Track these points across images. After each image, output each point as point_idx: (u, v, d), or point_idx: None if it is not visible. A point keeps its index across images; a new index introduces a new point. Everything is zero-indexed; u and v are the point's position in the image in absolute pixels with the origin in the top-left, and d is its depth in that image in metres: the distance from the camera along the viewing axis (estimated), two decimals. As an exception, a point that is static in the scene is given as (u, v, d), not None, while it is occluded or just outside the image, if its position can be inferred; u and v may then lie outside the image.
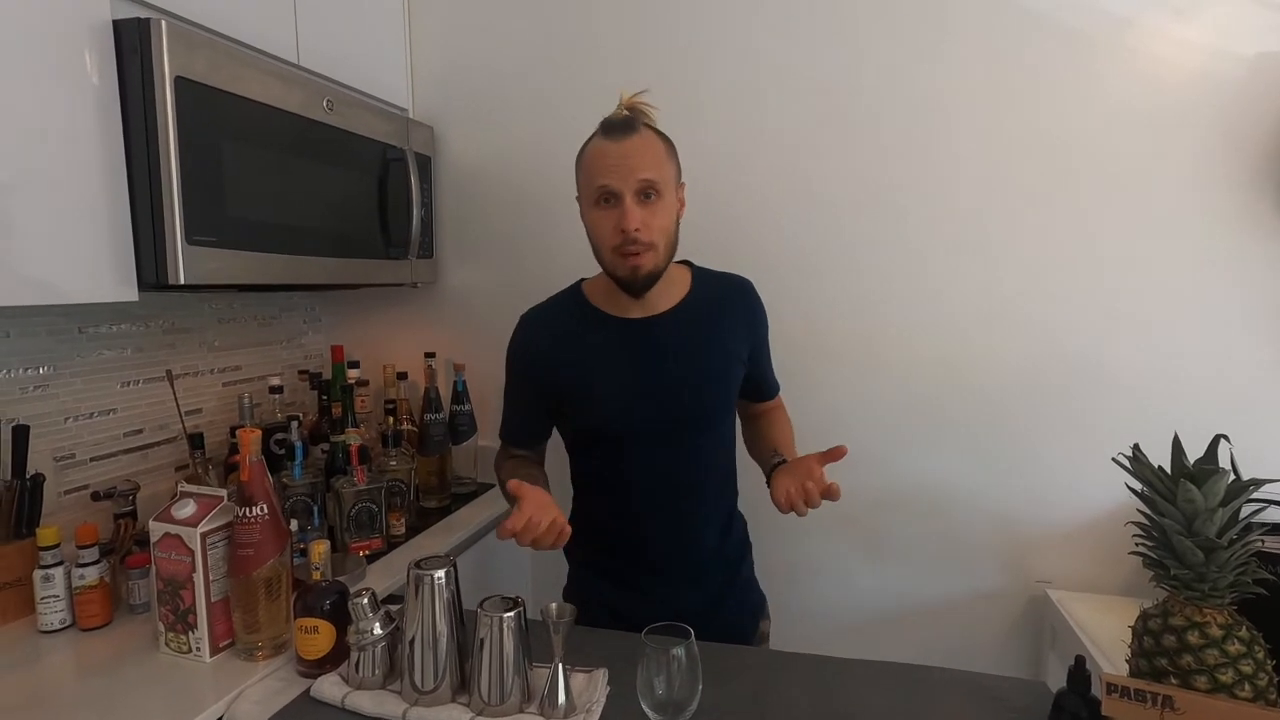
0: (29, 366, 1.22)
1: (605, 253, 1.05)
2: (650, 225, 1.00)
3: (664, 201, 1.02)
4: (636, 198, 0.99)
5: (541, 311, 1.19)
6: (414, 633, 0.88)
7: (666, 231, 1.03)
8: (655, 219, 1.01)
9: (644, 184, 0.99)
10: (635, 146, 1.00)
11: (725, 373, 1.13)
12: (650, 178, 0.99)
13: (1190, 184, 1.42)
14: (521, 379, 1.18)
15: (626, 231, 0.99)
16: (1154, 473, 0.78)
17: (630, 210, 0.99)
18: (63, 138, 0.97)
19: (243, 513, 0.96)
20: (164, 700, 0.90)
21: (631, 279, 1.03)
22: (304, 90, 1.31)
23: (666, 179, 1.02)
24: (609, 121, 1.04)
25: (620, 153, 1.00)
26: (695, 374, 1.09)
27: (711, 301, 1.14)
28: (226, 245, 1.15)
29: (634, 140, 1.00)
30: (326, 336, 1.94)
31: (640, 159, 0.99)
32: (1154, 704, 0.72)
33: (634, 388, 1.09)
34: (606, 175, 1.00)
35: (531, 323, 1.18)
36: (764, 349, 1.20)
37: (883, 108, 1.54)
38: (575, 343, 1.12)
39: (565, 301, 1.18)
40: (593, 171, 1.02)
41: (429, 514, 1.60)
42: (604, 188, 1.00)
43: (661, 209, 1.01)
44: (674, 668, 0.80)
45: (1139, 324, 1.46)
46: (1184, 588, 0.76)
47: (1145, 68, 1.41)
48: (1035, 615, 1.56)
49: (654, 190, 1.00)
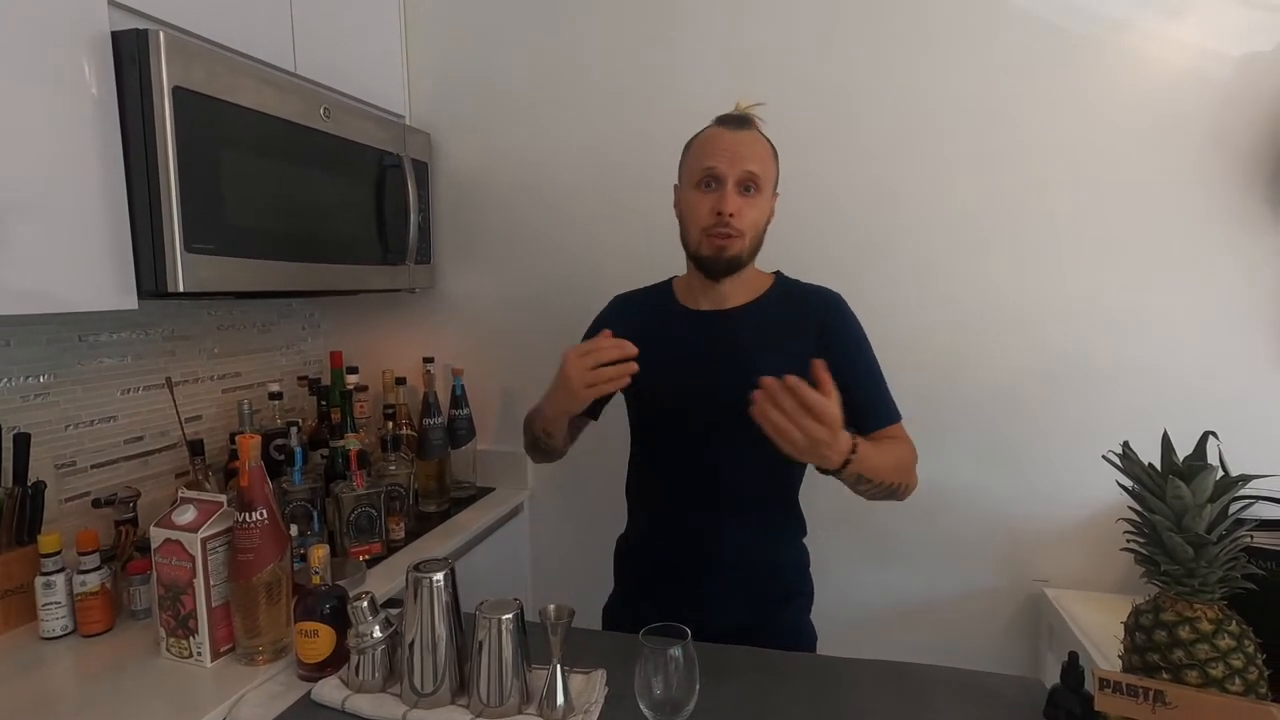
0: (30, 375, 1.23)
1: (694, 233, 1.08)
2: (744, 215, 1.04)
3: (761, 197, 1.06)
4: (738, 186, 1.04)
5: (630, 295, 1.27)
6: (413, 635, 0.88)
7: (755, 225, 1.07)
8: (750, 210, 1.05)
9: (747, 175, 1.04)
10: (747, 140, 1.06)
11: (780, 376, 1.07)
12: (754, 170, 1.04)
13: (1181, 183, 1.43)
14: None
15: (722, 213, 1.03)
16: (1144, 470, 0.79)
17: (730, 195, 1.03)
18: (62, 148, 0.98)
19: (243, 518, 0.97)
20: (165, 705, 0.91)
21: (715, 259, 1.07)
22: (301, 98, 1.32)
23: (767, 177, 1.07)
24: (726, 115, 1.09)
25: (733, 141, 1.05)
26: (745, 370, 1.03)
27: (786, 306, 1.13)
28: (225, 253, 1.16)
29: (747, 134, 1.06)
30: (326, 342, 1.94)
31: (750, 151, 1.05)
32: (1146, 699, 0.72)
33: (684, 374, 1.10)
34: (715, 158, 1.04)
35: (618, 301, 1.27)
36: (853, 368, 1.09)
37: (878, 110, 1.55)
38: (647, 324, 1.15)
39: (653, 290, 1.24)
40: (702, 153, 1.07)
41: (428, 518, 1.60)
42: (710, 169, 1.04)
43: (758, 203, 1.06)
44: (671, 668, 0.81)
45: (1131, 322, 1.47)
46: (1175, 583, 0.77)
47: (1137, 68, 1.42)
48: (1032, 613, 1.57)
49: (755, 184, 1.04)
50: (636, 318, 1.19)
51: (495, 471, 1.84)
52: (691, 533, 1.12)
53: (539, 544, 1.86)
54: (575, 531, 1.81)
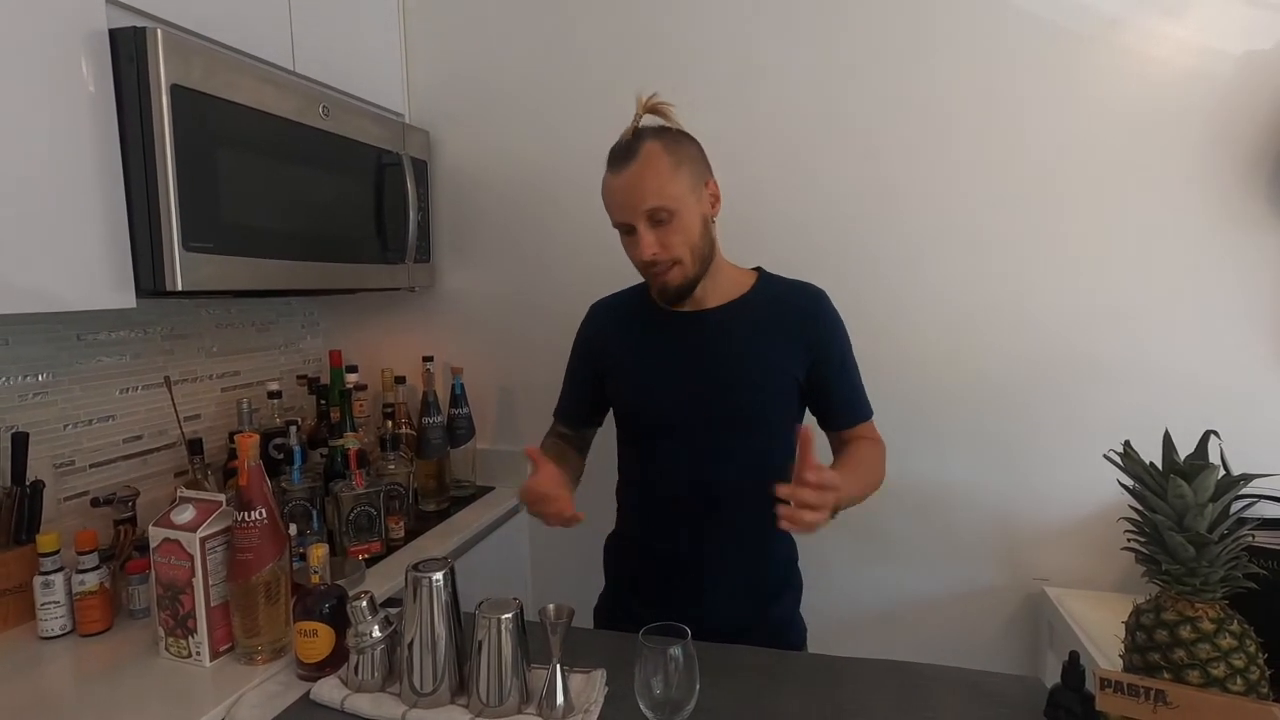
0: (28, 374, 1.22)
1: (640, 272, 1.10)
2: (669, 244, 1.02)
3: (679, 218, 1.01)
4: (648, 224, 1.01)
5: (608, 299, 1.26)
6: (413, 635, 0.88)
7: (689, 244, 1.03)
8: (672, 237, 1.02)
9: (651, 211, 1.00)
10: (636, 176, 1.00)
11: (765, 379, 1.08)
12: (655, 205, 1.00)
13: (1182, 181, 1.43)
14: (578, 358, 1.26)
15: (644, 259, 1.02)
16: (1145, 469, 0.79)
17: (644, 239, 1.01)
18: (60, 146, 0.98)
19: (241, 517, 0.97)
20: (165, 704, 0.91)
21: (663, 294, 1.08)
22: (300, 96, 1.32)
23: (677, 194, 1.01)
24: (612, 152, 1.05)
25: (623, 187, 1.01)
26: (730, 374, 1.08)
27: (767, 305, 1.12)
28: (223, 251, 1.15)
29: (634, 168, 1.00)
30: (324, 341, 1.94)
31: (643, 188, 1.00)
32: (1147, 698, 0.72)
33: (666, 378, 1.10)
34: (615, 210, 1.04)
35: (596, 309, 1.26)
36: (833, 366, 1.11)
37: (877, 108, 1.55)
38: (627, 330, 1.17)
39: (631, 292, 1.23)
40: (608, 208, 1.06)
41: (427, 517, 1.60)
42: (618, 223, 1.05)
43: (677, 226, 1.01)
44: (671, 667, 0.81)
45: (1133, 321, 1.47)
46: (1176, 583, 0.77)
47: (1136, 67, 1.42)
48: (1033, 612, 1.57)
49: (664, 212, 1.00)
50: (615, 323, 1.20)
51: (494, 470, 1.84)
52: (681, 533, 1.12)
53: (538, 543, 1.85)
54: (574, 531, 1.78)
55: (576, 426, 1.27)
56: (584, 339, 1.25)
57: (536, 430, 1.79)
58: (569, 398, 1.28)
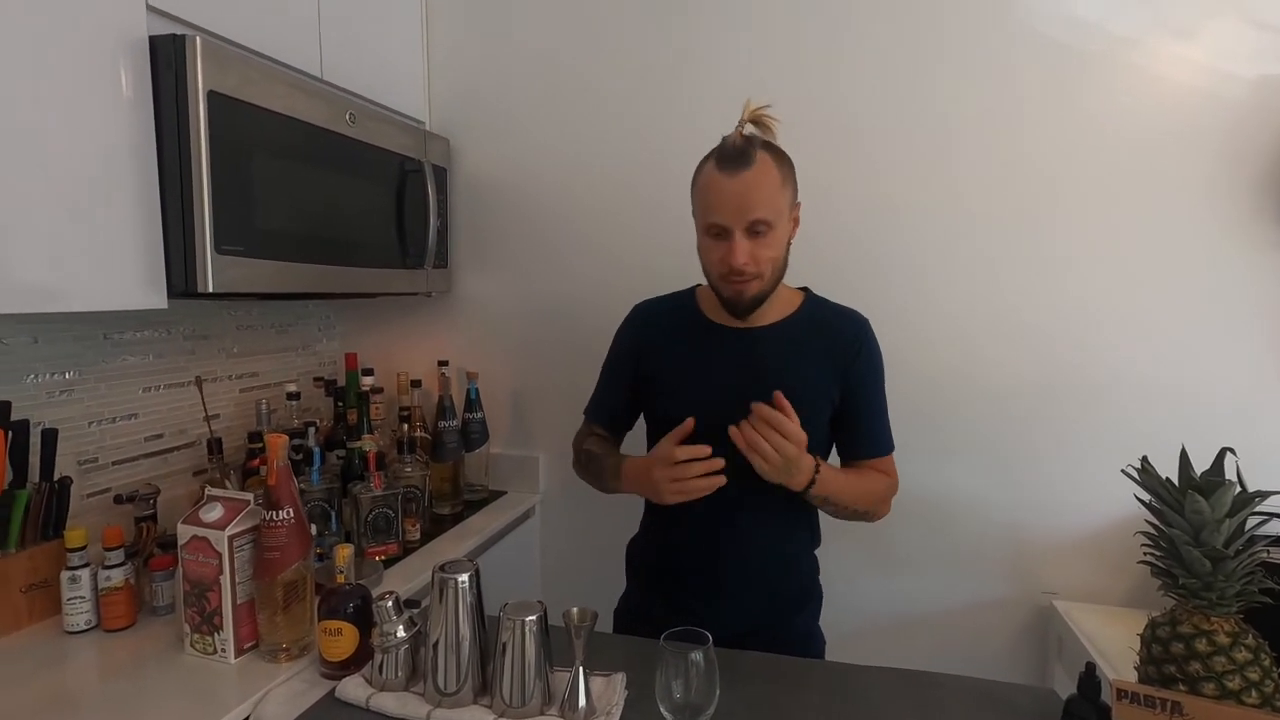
0: (56, 371, 1.24)
1: (712, 277, 1.07)
2: (758, 258, 1.00)
3: (774, 234, 1.01)
4: (746, 234, 0.99)
5: (652, 303, 1.25)
6: (437, 636, 0.89)
7: (774, 261, 1.03)
8: (764, 251, 1.01)
9: (755, 222, 0.99)
10: (749, 183, 0.98)
11: (805, 399, 1.05)
12: (762, 216, 0.98)
13: (1191, 201, 1.45)
14: (617, 361, 1.24)
15: (733, 266, 1.00)
16: (1162, 484, 0.81)
17: (739, 246, 0.99)
18: (100, 150, 1.00)
19: (269, 516, 0.98)
20: (190, 700, 0.92)
21: (736, 303, 1.06)
22: (328, 104, 1.34)
23: (779, 210, 1.01)
24: (724, 151, 1.01)
25: (734, 190, 0.98)
26: (770, 390, 1.06)
27: (813, 327, 1.12)
28: (253, 254, 1.17)
29: (748, 175, 0.98)
30: (341, 344, 1.96)
31: (754, 197, 0.98)
32: (1163, 709, 0.74)
33: (708, 390, 1.11)
34: (718, 212, 1.00)
35: (640, 312, 1.25)
36: (864, 396, 1.12)
37: (891, 124, 1.57)
38: (671, 337, 1.17)
39: (676, 299, 1.23)
40: (705, 204, 1.02)
41: (442, 520, 1.62)
42: (716, 224, 1.01)
43: (771, 241, 1.01)
44: (692, 672, 0.82)
45: (1144, 338, 1.49)
46: (1192, 596, 0.78)
47: (1147, 88, 1.45)
48: (1041, 625, 1.58)
49: (765, 225, 0.99)
50: (662, 330, 1.20)
51: (507, 475, 1.85)
52: (707, 541, 1.13)
53: (549, 547, 1.87)
54: (585, 536, 1.82)
55: (613, 429, 1.27)
56: (628, 342, 1.23)
57: (549, 435, 1.83)
58: (608, 399, 1.26)
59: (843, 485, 1.07)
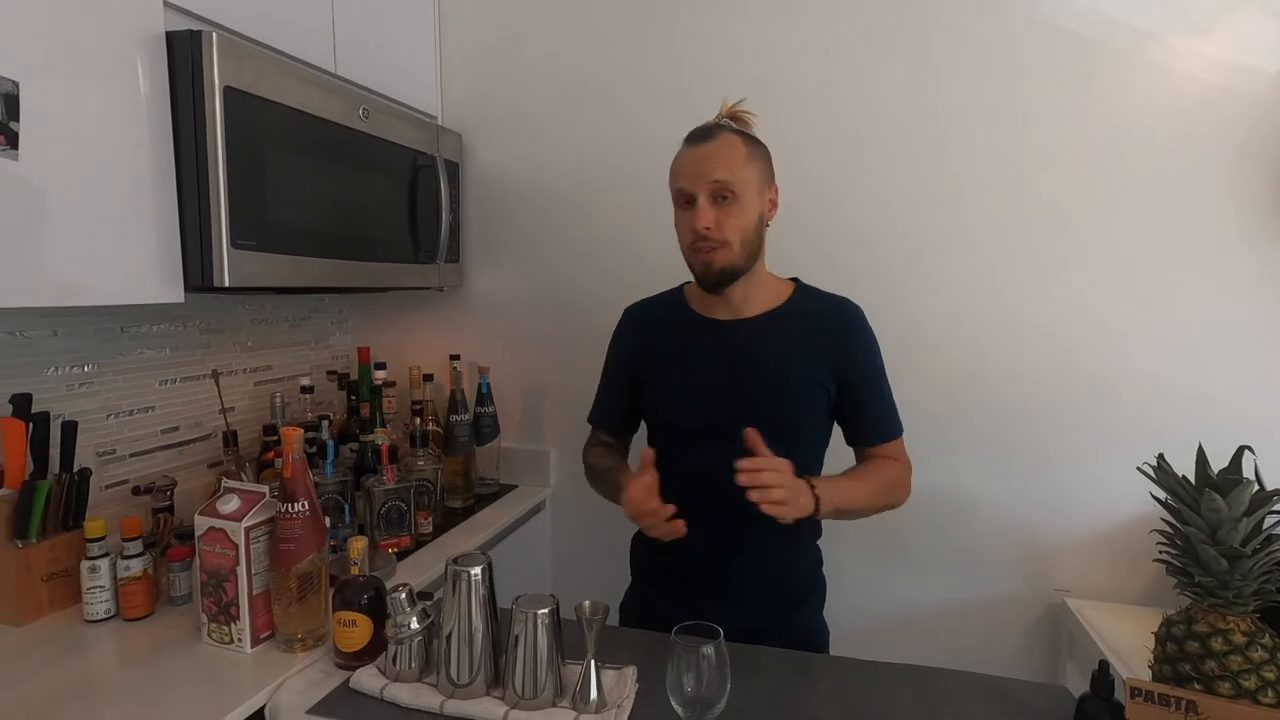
0: (75, 364, 1.26)
1: (685, 251, 1.10)
2: (723, 224, 1.03)
3: (740, 203, 1.04)
4: (710, 199, 1.03)
5: (642, 304, 1.27)
6: (450, 628, 0.90)
7: (742, 231, 1.05)
8: (729, 218, 1.04)
9: (716, 185, 1.03)
10: (710, 151, 1.04)
11: (798, 390, 1.10)
12: (722, 179, 1.03)
13: (1206, 198, 1.43)
14: (613, 364, 1.27)
15: (697, 230, 1.03)
16: (1179, 482, 0.80)
17: (702, 210, 1.03)
18: (117, 145, 1.01)
19: (285, 508, 0.99)
20: (208, 688, 0.93)
21: (704, 273, 1.08)
22: (342, 99, 1.35)
23: (744, 180, 1.04)
24: (692, 131, 1.09)
25: (695, 157, 1.05)
26: (764, 383, 1.09)
27: (804, 318, 1.13)
28: (268, 249, 1.18)
29: (710, 145, 1.04)
30: (353, 338, 1.97)
31: (714, 162, 1.03)
32: (1178, 708, 0.73)
33: (701, 386, 1.12)
34: (682, 178, 1.06)
35: (631, 314, 1.27)
36: (863, 383, 1.13)
37: (902, 122, 1.56)
38: (662, 336, 1.19)
39: (664, 298, 1.24)
40: (674, 176, 1.09)
41: (453, 513, 1.63)
42: (680, 190, 1.06)
43: (737, 210, 1.04)
44: (703, 666, 0.82)
45: (1159, 336, 1.47)
46: (1208, 595, 0.78)
47: (1163, 82, 1.43)
48: (1053, 622, 1.57)
49: (729, 192, 1.03)
50: (652, 330, 1.21)
51: (518, 469, 1.86)
52: (711, 537, 1.13)
53: (560, 541, 1.88)
54: (596, 530, 1.82)
55: (617, 433, 1.28)
56: (621, 344, 1.25)
57: (560, 430, 1.84)
58: (608, 404, 1.28)
59: (850, 492, 1.07)
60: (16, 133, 0.89)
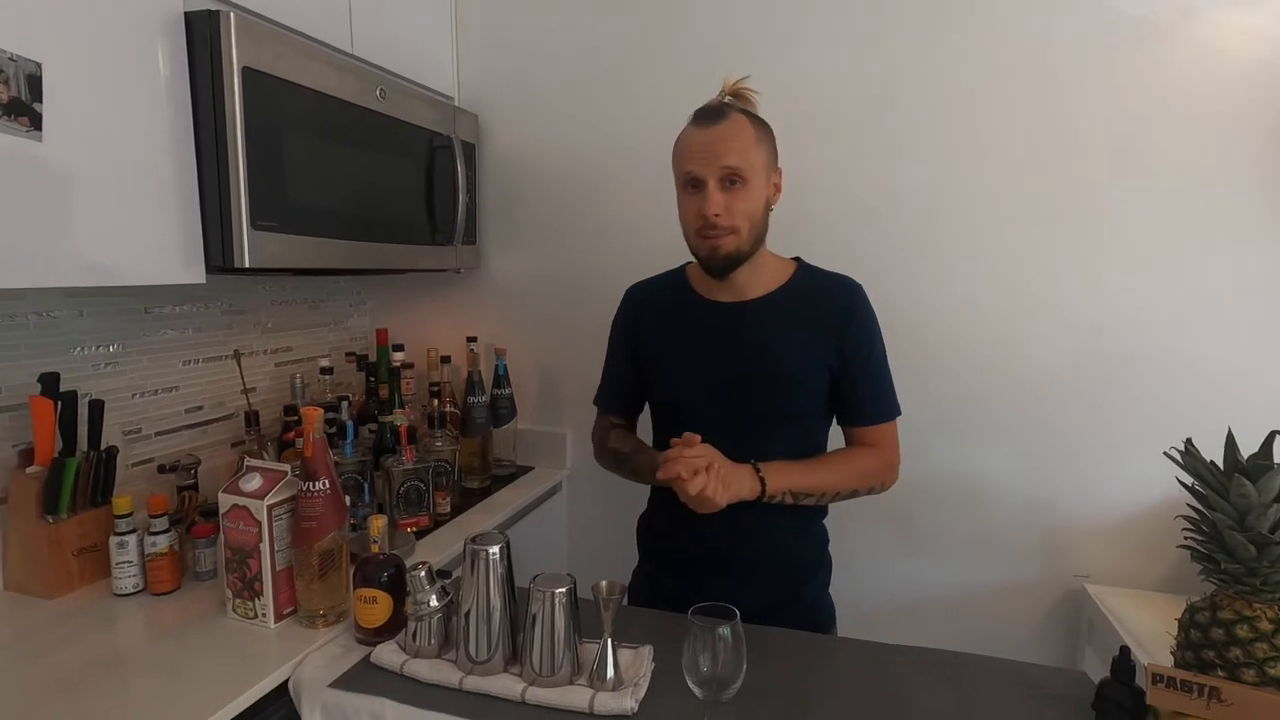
0: (100, 344, 1.28)
1: (690, 235, 1.09)
2: (732, 210, 1.02)
3: (749, 188, 1.03)
4: (720, 184, 1.02)
5: (644, 285, 1.25)
6: (469, 605, 0.91)
7: (750, 216, 1.04)
8: (738, 204, 1.02)
9: (727, 171, 1.01)
10: (722, 134, 1.02)
11: (801, 370, 1.09)
12: (734, 165, 1.01)
13: (1242, 176, 1.39)
14: (617, 345, 1.26)
15: (706, 216, 1.02)
16: (1207, 467, 0.79)
17: (712, 196, 1.02)
18: (138, 126, 1.02)
19: (307, 487, 1.01)
20: (233, 660, 0.95)
21: (710, 259, 1.07)
22: (359, 79, 1.35)
23: (753, 165, 1.03)
24: (699, 110, 1.06)
25: (706, 140, 1.02)
26: (766, 364, 1.09)
27: (805, 297, 1.12)
28: (288, 230, 1.19)
29: (721, 127, 1.02)
30: (371, 320, 1.99)
31: (725, 146, 1.01)
32: (1200, 695, 0.73)
33: (704, 368, 1.11)
34: (692, 161, 1.03)
35: (633, 294, 1.26)
36: (860, 362, 1.11)
37: (923, 101, 1.53)
38: (665, 317, 1.18)
39: (667, 279, 1.23)
40: (681, 158, 1.06)
41: (470, 494, 1.64)
42: (689, 174, 1.04)
43: (745, 195, 1.03)
44: (719, 646, 0.83)
45: (1186, 319, 1.44)
46: (1234, 582, 0.76)
47: (1203, 57, 1.38)
48: (1072, 608, 1.56)
49: (738, 177, 1.02)
50: (654, 311, 1.20)
51: (535, 451, 1.87)
52: (717, 516, 1.13)
53: (576, 522, 1.89)
54: (611, 512, 1.82)
55: (627, 415, 1.28)
56: (622, 324, 1.25)
57: (577, 412, 1.85)
58: (614, 386, 1.27)
59: (804, 475, 1.06)
60: (40, 114, 0.90)
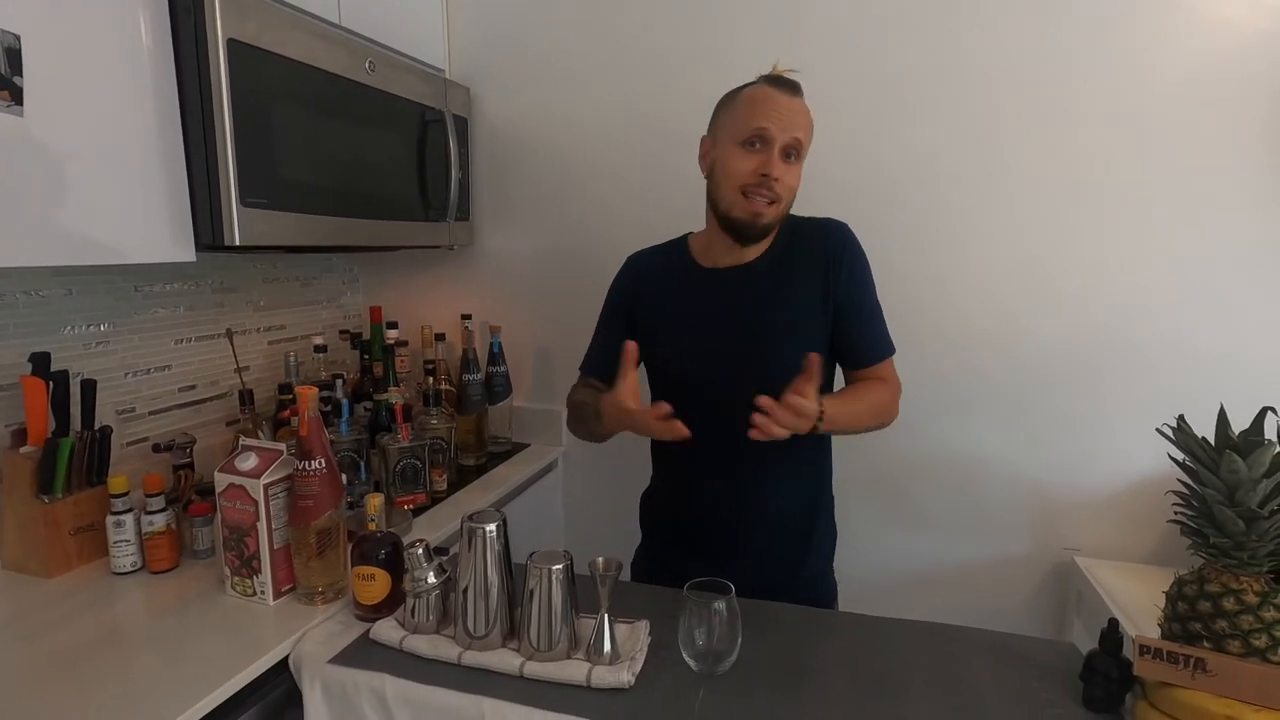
0: (91, 323, 1.27)
1: (729, 192, 1.06)
2: (785, 180, 1.04)
3: (799, 167, 1.06)
4: (783, 151, 1.03)
5: (644, 254, 1.25)
6: (467, 582, 0.92)
7: (792, 192, 1.07)
8: (789, 177, 1.05)
9: (795, 142, 1.03)
10: (800, 106, 1.05)
11: (800, 327, 1.09)
12: (800, 139, 1.04)
13: (1243, 152, 1.38)
14: (612, 312, 1.25)
15: (768, 175, 1.02)
16: (1198, 443, 0.79)
17: (775, 158, 1.02)
18: (121, 101, 1.00)
19: (302, 466, 1.01)
20: (234, 637, 0.96)
21: (750, 224, 1.06)
22: (347, 51, 1.32)
23: (806, 146, 1.07)
24: (778, 76, 1.07)
25: (788, 105, 1.04)
26: (762, 328, 1.09)
27: (796, 248, 1.12)
28: (277, 207, 1.18)
29: (799, 101, 1.05)
30: (365, 297, 1.97)
31: (800, 119, 1.05)
32: (1186, 666, 0.74)
33: (706, 334, 1.11)
34: (768, 118, 1.02)
35: (634, 262, 1.25)
36: (853, 306, 1.11)
37: (934, 74, 1.51)
38: (663, 287, 1.18)
39: (668, 248, 1.23)
40: (753, 111, 1.04)
41: (466, 471, 1.65)
42: (762, 130, 1.02)
43: (796, 171, 1.06)
44: (715, 621, 0.84)
45: (1183, 296, 1.44)
46: (1222, 555, 0.77)
47: (1203, 29, 1.36)
48: (1061, 580, 1.58)
49: (797, 152, 1.05)
50: (654, 280, 1.19)
51: (530, 428, 1.88)
52: (718, 486, 1.14)
53: (571, 499, 1.90)
54: (607, 488, 1.84)
55: (608, 380, 1.27)
56: (621, 291, 1.24)
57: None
58: (602, 351, 1.24)
59: (848, 413, 1.05)
60: (21, 88, 0.88)
